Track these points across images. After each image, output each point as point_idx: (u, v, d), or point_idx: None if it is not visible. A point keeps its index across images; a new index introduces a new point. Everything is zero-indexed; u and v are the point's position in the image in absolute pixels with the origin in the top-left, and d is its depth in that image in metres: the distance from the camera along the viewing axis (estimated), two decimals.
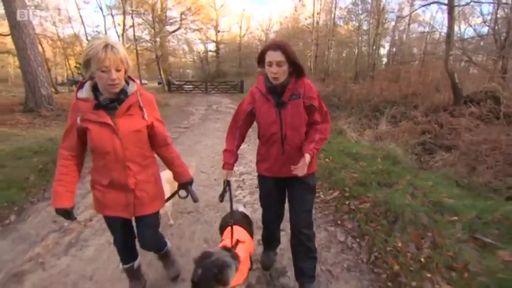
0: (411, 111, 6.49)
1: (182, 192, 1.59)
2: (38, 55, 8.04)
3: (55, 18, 17.96)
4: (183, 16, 23.53)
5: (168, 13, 22.98)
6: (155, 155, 1.53)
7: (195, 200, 1.55)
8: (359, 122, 7.41)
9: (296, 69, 1.46)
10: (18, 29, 7.34)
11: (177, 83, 21.83)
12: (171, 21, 22.88)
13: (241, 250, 1.36)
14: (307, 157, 1.45)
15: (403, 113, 6.71)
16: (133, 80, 1.37)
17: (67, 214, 1.31)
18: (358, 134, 6.37)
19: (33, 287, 1.80)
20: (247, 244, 1.42)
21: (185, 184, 1.54)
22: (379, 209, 2.58)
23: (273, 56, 1.39)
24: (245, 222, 1.70)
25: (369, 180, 3.18)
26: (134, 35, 20.70)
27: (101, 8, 18.28)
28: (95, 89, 1.26)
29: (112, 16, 20.56)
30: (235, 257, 1.26)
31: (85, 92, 1.26)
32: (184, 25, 24.56)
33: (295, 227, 1.65)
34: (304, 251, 1.64)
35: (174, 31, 24.52)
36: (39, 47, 9.34)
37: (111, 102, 1.25)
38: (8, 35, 12.88)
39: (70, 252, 2.19)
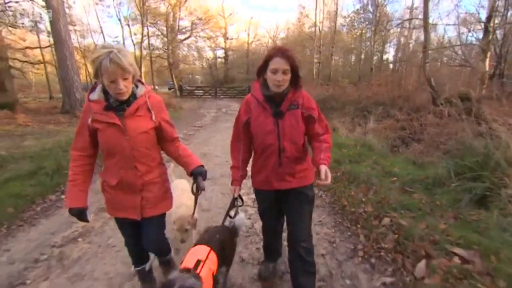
0: (395, 111, 7.46)
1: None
2: (74, 64, 9.40)
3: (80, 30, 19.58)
4: (194, 25, 25.08)
5: (180, 22, 24.54)
6: (163, 155, 1.55)
7: (202, 188, 1.46)
8: (352, 121, 8.40)
9: (295, 79, 1.43)
10: (60, 43, 8.70)
11: (188, 88, 23.21)
12: (183, 30, 24.34)
13: (202, 270, 1.26)
14: (324, 168, 1.37)
15: (388, 113, 7.68)
16: (142, 83, 1.40)
17: (81, 215, 1.33)
18: (349, 130, 7.37)
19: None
20: (209, 263, 1.31)
21: (194, 172, 1.46)
22: (345, 175, 3.62)
23: (280, 63, 1.34)
24: (217, 240, 1.50)
25: (344, 159, 4.22)
26: (149, 44, 22.30)
27: (119, 20, 19.86)
28: (106, 91, 1.29)
29: (129, 26, 22.30)
30: (197, 277, 1.18)
31: (97, 94, 1.30)
32: (195, 34, 26.10)
33: (293, 240, 1.60)
34: (302, 266, 1.57)
35: (185, 39, 26.05)
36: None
37: (121, 104, 1.29)
38: (37, 48, 14.50)
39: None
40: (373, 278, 1.93)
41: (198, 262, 1.27)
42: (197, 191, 1.48)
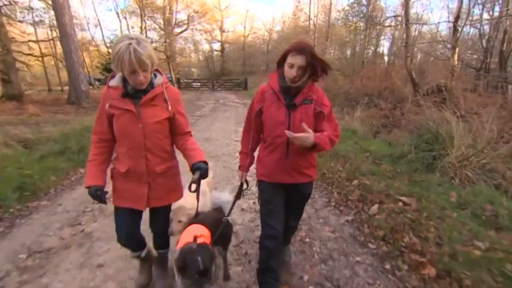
0: (381, 101, 8.13)
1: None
2: (79, 58, 9.87)
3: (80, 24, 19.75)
4: (190, 18, 25.30)
5: (177, 16, 24.74)
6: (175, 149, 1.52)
7: (192, 181, 1.33)
8: (342, 111, 9.07)
9: (315, 74, 1.41)
10: (66, 37, 9.15)
11: (186, 81, 23.62)
12: (180, 23, 24.57)
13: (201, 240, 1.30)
14: (311, 137, 1.31)
15: (374, 103, 8.36)
16: (160, 73, 1.40)
17: (98, 194, 1.32)
18: (338, 119, 8.06)
19: None
20: (203, 238, 1.33)
21: (194, 166, 1.34)
22: (327, 152, 4.29)
23: (297, 59, 1.34)
24: (211, 219, 1.55)
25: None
26: (146, 37, 22.56)
27: (117, 13, 20.09)
28: (125, 78, 1.30)
29: (126, 19, 22.53)
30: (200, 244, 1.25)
31: (116, 81, 1.32)
32: (191, 27, 26.33)
33: (285, 231, 1.64)
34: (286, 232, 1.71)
35: (181, 32, 26.28)
36: None
37: (138, 92, 1.30)
38: (43, 40, 14.80)
39: None
40: (340, 218, 2.62)
41: (195, 238, 1.30)
42: (196, 186, 1.34)
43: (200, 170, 1.32)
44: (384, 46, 26.16)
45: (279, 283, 1.56)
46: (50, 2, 11.38)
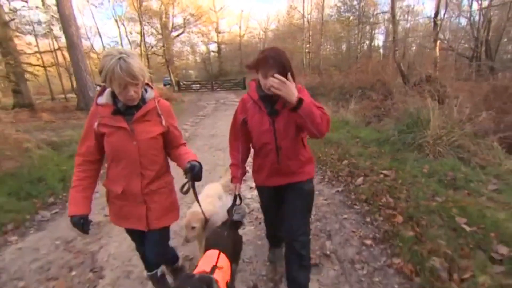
0: (373, 94, 8.66)
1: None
2: (86, 66, 10.38)
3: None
4: (186, 21, 25.81)
5: (174, 19, 25.25)
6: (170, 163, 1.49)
7: (185, 190, 1.31)
8: (337, 104, 9.61)
9: (286, 77, 1.32)
10: (73, 47, 9.67)
11: (185, 83, 24.15)
12: (177, 27, 25.08)
13: (218, 276, 1.24)
14: (294, 87, 1.26)
15: (367, 95, 8.89)
16: (151, 87, 1.36)
17: (82, 224, 1.25)
18: (333, 112, 8.58)
19: None
20: (224, 271, 1.31)
21: (186, 167, 1.29)
22: (322, 140, 4.84)
23: (267, 69, 1.32)
24: (228, 245, 1.50)
25: None
26: (144, 42, 23.09)
27: (116, 20, 20.62)
28: (115, 95, 1.24)
29: (124, 25, 23.05)
30: (214, 280, 1.17)
31: (105, 98, 1.26)
32: (188, 30, 26.84)
33: (288, 236, 1.56)
34: (297, 259, 1.53)
35: (178, 35, 26.78)
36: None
37: (129, 108, 1.26)
38: (49, 51, 15.35)
39: None
40: (332, 189, 3.17)
41: (214, 267, 1.26)
42: (189, 186, 1.31)
43: (194, 168, 1.27)
44: (379, 40, 26.73)
45: (282, 242, 1.92)
46: (55, 15, 11.95)
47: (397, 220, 2.31)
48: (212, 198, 1.89)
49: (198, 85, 23.66)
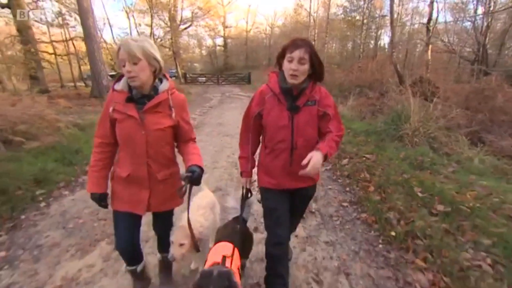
0: (370, 92, 9.21)
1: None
2: (101, 56, 10.99)
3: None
4: (194, 15, 26.24)
5: (183, 12, 25.70)
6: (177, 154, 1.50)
7: (179, 193, 1.25)
8: (336, 101, 10.17)
9: (315, 73, 1.36)
10: (90, 38, 10.26)
11: (192, 75, 24.71)
12: (185, 20, 25.54)
13: (230, 264, 1.27)
14: (313, 153, 1.24)
15: (365, 93, 9.45)
16: (167, 79, 1.37)
17: (101, 200, 1.35)
18: None
19: None
20: (234, 259, 1.32)
21: (188, 170, 1.28)
22: None
23: (296, 51, 1.28)
24: (236, 236, 1.49)
25: None
26: (153, 34, 23.61)
27: (127, 12, 21.14)
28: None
29: (134, 17, 23.56)
30: (232, 272, 1.20)
31: (122, 84, 1.31)
32: (195, 24, 27.28)
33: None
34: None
35: (185, 28, 27.23)
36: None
37: (142, 97, 1.28)
38: (65, 40, 15.96)
39: None
40: (321, 168, 3.78)
41: (224, 258, 1.30)
42: (185, 190, 1.26)
43: (193, 174, 1.26)
44: (385, 40, 27.03)
45: None
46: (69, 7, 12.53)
47: (370, 189, 2.92)
48: (204, 210, 1.73)
49: (204, 78, 24.21)
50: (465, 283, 1.63)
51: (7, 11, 11.56)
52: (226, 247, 1.41)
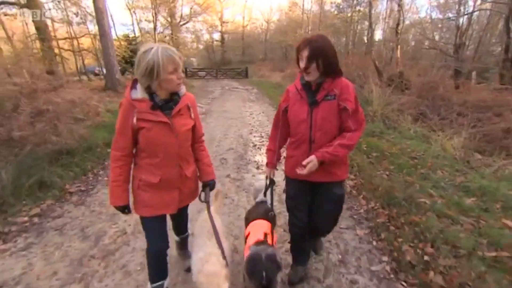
0: (352, 84, 10.56)
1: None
2: (114, 52, 12.15)
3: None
4: (192, 11, 27.16)
5: (182, 9, 26.63)
6: None
7: (206, 200, 1.52)
8: None
9: (329, 68, 1.38)
10: (104, 36, 11.42)
11: (192, 70, 25.83)
12: (184, 16, 26.50)
13: (270, 241, 1.41)
14: (314, 160, 1.37)
15: None
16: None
17: (124, 209, 1.40)
18: None
19: None
20: (274, 235, 1.48)
21: (207, 183, 1.57)
22: None
23: (302, 51, 1.39)
24: (268, 215, 1.68)
25: None
26: (154, 28, 24.61)
27: (129, 9, 22.12)
28: (148, 91, 1.28)
29: (135, 13, 24.46)
30: (276, 251, 1.34)
31: (140, 93, 1.28)
32: (193, 19, 28.18)
33: (313, 232, 1.74)
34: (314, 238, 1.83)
35: (184, 24, 28.13)
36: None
37: (166, 103, 1.31)
38: (79, 37, 17.03)
39: None
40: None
41: (266, 235, 1.43)
42: (206, 196, 1.54)
43: (210, 187, 1.58)
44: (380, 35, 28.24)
45: (307, 258, 1.84)
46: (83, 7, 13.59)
47: None
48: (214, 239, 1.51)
49: (204, 73, 25.36)
50: (372, 182, 3.05)
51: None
52: (262, 225, 1.61)
